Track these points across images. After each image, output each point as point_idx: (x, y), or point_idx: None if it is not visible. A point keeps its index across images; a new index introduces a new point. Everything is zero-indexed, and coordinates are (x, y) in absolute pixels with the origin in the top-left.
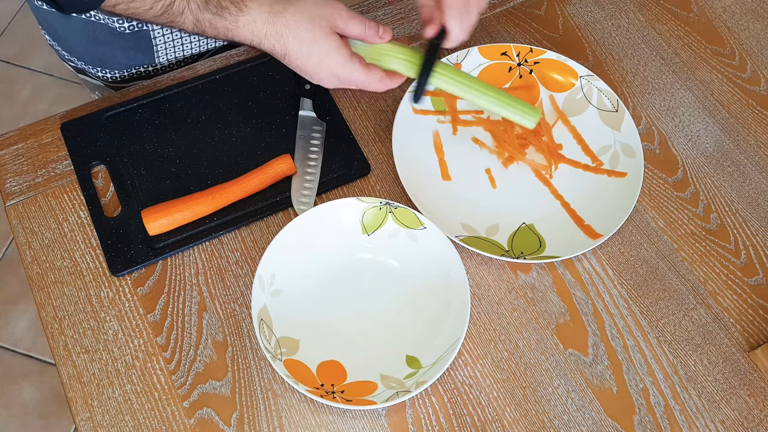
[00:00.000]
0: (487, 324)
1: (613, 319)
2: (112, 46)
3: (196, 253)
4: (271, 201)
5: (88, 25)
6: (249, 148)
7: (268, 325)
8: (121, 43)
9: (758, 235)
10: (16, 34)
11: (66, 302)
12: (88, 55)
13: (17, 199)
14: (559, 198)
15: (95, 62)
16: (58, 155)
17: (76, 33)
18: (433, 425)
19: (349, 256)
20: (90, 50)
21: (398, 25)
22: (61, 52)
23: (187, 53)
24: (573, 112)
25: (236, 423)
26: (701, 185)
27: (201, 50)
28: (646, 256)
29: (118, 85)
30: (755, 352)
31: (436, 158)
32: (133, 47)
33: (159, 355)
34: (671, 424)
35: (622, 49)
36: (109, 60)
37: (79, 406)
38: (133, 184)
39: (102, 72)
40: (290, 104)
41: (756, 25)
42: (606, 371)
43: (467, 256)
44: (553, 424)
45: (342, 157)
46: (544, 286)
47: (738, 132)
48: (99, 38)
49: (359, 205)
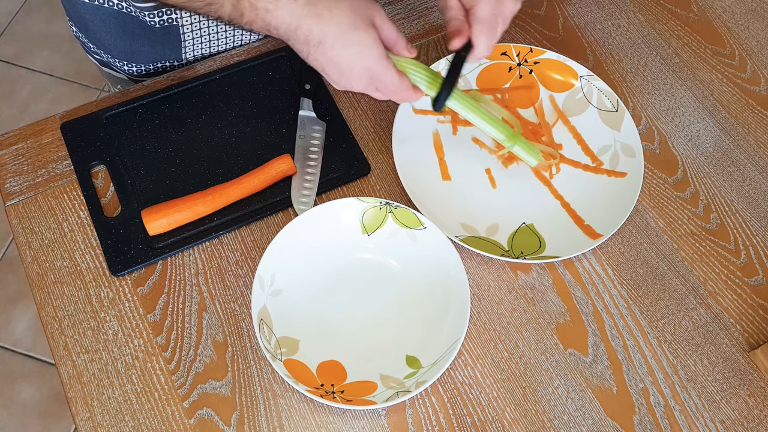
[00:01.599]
0: (487, 324)
1: (613, 319)
2: (141, 39)
3: (196, 253)
4: (271, 201)
5: (119, 16)
6: (249, 148)
7: (268, 325)
8: (150, 36)
9: (758, 235)
10: (16, 34)
11: (66, 302)
12: (115, 48)
13: (17, 199)
14: (559, 198)
15: (122, 56)
16: (58, 155)
17: (106, 25)
18: (433, 425)
19: (349, 256)
20: (118, 43)
21: (398, 25)
22: (87, 44)
23: (213, 50)
24: (573, 112)
25: (236, 423)
26: (701, 185)
27: (228, 46)
28: (646, 256)
29: (142, 79)
30: (755, 352)
31: (436, 158)
32: (161, 41)
33: (159, 355)
34: (671, 424)
35: (622, 49)
36: (136, 54)
37: (79, 406)
38: (133, 184)
39: (128, 66)
40: (290, 104)
41: (756, 25)
42: (606, 371)
43: (467, 256)
44: (553, 424)
45: (342, 157)
46: (544, 286)
47: (738, 132)
48: (128, 30)
49: (359, 205)
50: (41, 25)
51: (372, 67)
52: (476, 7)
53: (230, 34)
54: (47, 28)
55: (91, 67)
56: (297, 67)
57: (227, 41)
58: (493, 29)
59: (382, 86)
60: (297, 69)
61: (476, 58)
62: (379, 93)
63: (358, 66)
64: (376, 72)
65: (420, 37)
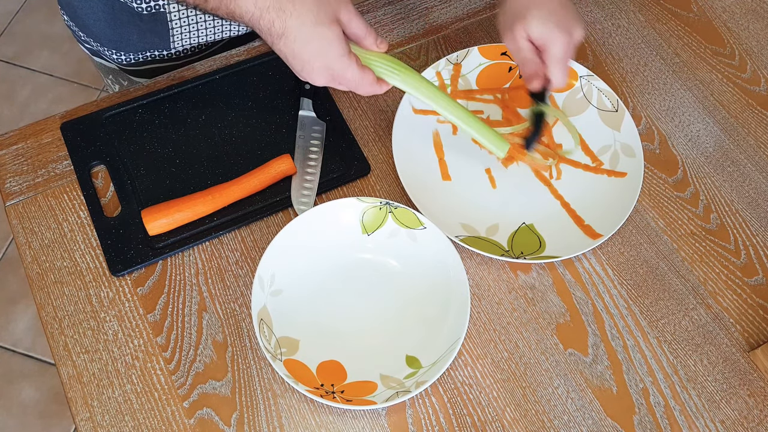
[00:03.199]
0: (487, 324)
1: (613, 319)
2: (129, 27)
3: (196, 253)
4: (271, 201)
5: (108, 2)
6: (249, 148)
7: (268, 325)
8: (138, 24)
9: (758, 235)
10: (16, 34)
11: (66, 302)
12: (104, 37)
13: (17, 199)
14: (559, 198)
15: (111, 44)
16: (58, 155)
17: (96, 12)
18: (433, 425)
19: (349, 256)
20: (107, 31)
21: (398, 25)
22: (78, 33)
23: (202, 40)
24: (573, 112)
25: (236, 423)
26: (701, 185)
27: (216, 38)
28: (646, 256)
29: (132, 69)
30: (755, 352)
31: (436, 158)
32: (149, 29)
33: (159, 355)
34: (671, 424)
35: (622, 49)
36: (125, 42)
37: (79, 406)
38: (133, 184)
39: (117, 54)
40: (290, 104)
41: (756, 25)
42: (606, 371)
43: (467, 256)
44: (553, 424)
45: (342, 157)
46: (544, 286)
47: (738, 132)
48: (117, 18)
49: (359, 205)
50: (41, 25)
51: (332, 65)
52: (551, 47)
53: (218, 25)
54: (47, 28)
55: (91, 67)
56: None
57: (215, 33)
58: (566, 62)
59: (344, 81)
60: None
61: (554, 89)
62: (342, 86)
63: (318, 63)
64: (336, 69)
65: (420, 37)
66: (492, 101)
